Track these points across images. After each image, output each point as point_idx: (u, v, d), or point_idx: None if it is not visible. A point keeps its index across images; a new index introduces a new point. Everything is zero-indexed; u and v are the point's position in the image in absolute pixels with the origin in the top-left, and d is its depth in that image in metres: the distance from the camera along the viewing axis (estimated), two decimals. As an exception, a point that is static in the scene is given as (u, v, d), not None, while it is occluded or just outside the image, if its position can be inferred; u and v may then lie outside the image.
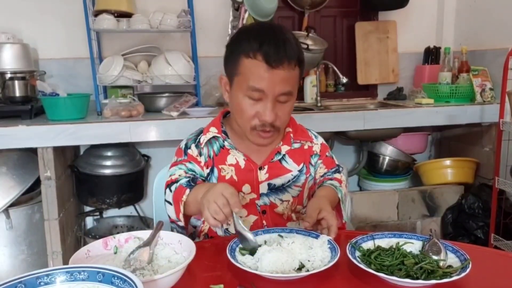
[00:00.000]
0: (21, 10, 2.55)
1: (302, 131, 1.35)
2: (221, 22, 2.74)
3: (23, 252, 2.27)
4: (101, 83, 2.42)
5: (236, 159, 1.25)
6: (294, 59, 1.12)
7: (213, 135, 1.26)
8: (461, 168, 2.77)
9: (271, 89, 1.12)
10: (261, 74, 1.10)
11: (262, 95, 1.13)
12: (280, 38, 1.12)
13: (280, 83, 1.12)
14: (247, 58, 1.12)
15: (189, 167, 1.25)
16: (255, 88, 1.12)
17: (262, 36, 1.12)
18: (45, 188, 2.13)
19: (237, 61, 1.14)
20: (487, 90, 2.63)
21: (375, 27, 3.06)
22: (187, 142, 1.30)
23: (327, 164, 1.36)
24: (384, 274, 0.89)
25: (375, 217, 2.63)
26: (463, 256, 0.97)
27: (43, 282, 0.76)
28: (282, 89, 1.13)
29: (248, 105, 1.15)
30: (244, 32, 1.19)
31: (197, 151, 1.27)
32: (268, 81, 1.11)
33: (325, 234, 1.06)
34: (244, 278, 0.92)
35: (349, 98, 3.12)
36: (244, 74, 1.13)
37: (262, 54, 1.09)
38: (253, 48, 1.10)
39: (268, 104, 1.13)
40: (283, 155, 1.28)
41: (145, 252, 0.96)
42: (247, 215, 1.26)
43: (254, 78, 1.11)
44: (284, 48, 1.10)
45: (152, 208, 1.53)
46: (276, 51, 1.09)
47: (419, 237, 1.06)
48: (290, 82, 1.14)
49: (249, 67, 1.12)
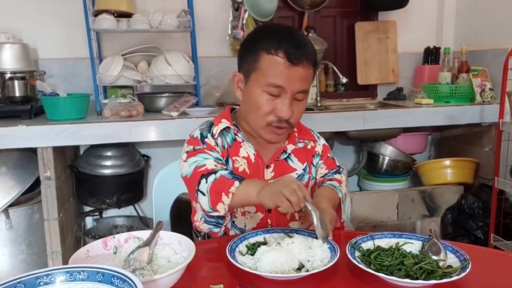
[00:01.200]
0: (21, 10, 2.55)
1: (306, 130, 1.37)
2: (221, 22, 2.74)
3: (22, 252, 2.27)
4: (101, 83, 2.42)
5: (247, 152, 1.26)
6: (312, 58, 1.16)
7: (226, 126, 1.26)
8: (461, 168, 2.77)
9: (291, 85, 1.14)
10: (282, 70, 1.12)
11: (281, 91, 1.15)
12: (299, 37, 1.16)
13: (299, 80, 1.14)
14: (268, 54, 1.13)
15: (214, 156, 1.21)
16: (276, 84, 1.14)
17: (282, 34, 1.15)
18: (45, 188, 2.13)
19: (257, 57, 1.15)
20: (487, 90, 2.63)
21: (375, 27, 3.06)
22: (202, 131, 1.25)
23: (328, 165, 1.37)
24: (384, 274, 0.89)
25: (375, 217, 2.63)
26: (462, 256, 0.97)
27: (43, 282, 0.76)
28: (300, 86, 1.15)
29: (266, 100, 1.16)
30: (263, 30, 1.23)
31: (214, 141, 1.24)
32: (288, 77, 1.13)
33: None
34: (244, 278, 0.92)
35: (349, 98, 3.12)
36: (264, 70, 1.14)
37: (283, 51, 1.11)
38: (274, 45, 1.12)
39: (286, 100, 1.15)
40: (288, 154, 1.30)
41: (145, 252, 0.96)
42: (256, 212, 1.27)
43: (274, 75, 1.13)
44: (303, 47, 1.13)
45: (152, 208, 1.54)
46: (297, 49, 1.12)
47: (419, 237, 1.06)
48: (307, 80, 1.17)
49: (270, 63, 1.13)
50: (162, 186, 1.53)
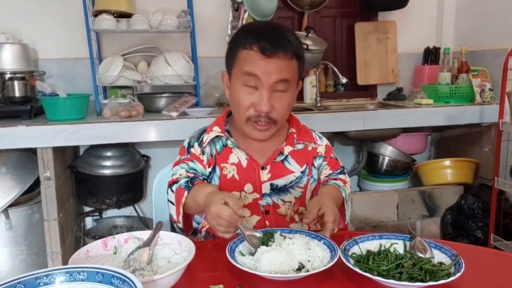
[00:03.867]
0: (21, 10, 2.55)
1: (306, 132, 1.35)
2: (221, 23, 2.74)
3: (22, 252, 2.27)
4: (101, 83, 2.42)
5: (238, 158, 1.26)
6: (290, 51, 1.14)
7: (216, 135, 1.27)
8: (460, 169, 2.77)
9: (266, 77, 1.13)
10: (256, 62, 1.13)
11: (257, 82, 1.15)
12: (277, 32, 1.15)
13: (276, 71, 1.13)
14: (244, 49, 1.15)
15: (191, 166, 1.26)
16: (250, 73, 1.14)
17: (259, 31, 1.16)
18: (44, 188, 2.13)
19: (235, 54, 1.18)
20: (487, 90, 2.63)
21: (375, 28, 3.06)
22: (190, 140, 1.30)
23: (332, 166, 1.35)
24: (392, 280, 0.88)
25: (375, 218, 2.63)
26: (449, 251, 0.97)
27: (43, 283, 0.76)
28: (278, 76, 1.14)
29: (245, 94, 1.17)
30: (244, 29, 1.23)
31: (200, 149, 1.27)
32: (263, 69, 1.13)
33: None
34: (244, 278, 0.92)
35: (348, 98, 3.11)
36: (240, 63, 1.17)
37: (257, 45, 1.13)
38: (250, 41, 1.14)
39: (264, 92, 1.15)
40: (286, 156, 1.28)
41: (145, 253, 0.96)
42: (250, 215, 1.26)
43: (248, 64, 1.14)
44: (280, 41, 1.13)
45: (152, 208, 1.53)
46: (271, 43, 1.12)
47: (399, 236, 1.06)
48: (287, 70, 1.15)
49: (245, 56, 1.15)
50: (162, 186, 1.53)
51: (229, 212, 0.99)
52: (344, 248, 1.00)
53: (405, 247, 1.03)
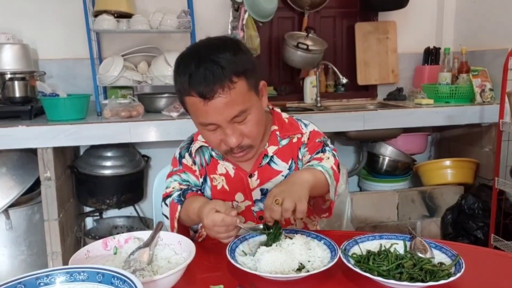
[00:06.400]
0: (21, 10, 2.55)
1: (290, 124, 1.26)
2: (221, 23, 2.74)
3: (22, 252, 2.27)
4: (101, 83, 2.42)
5: (225, 168, 1.23)
6: (228, 78, 1.02)
7: (201, 145, 1.24)
8: (461, 169, 2.77)
9: (219, 118, 1.05)
10: (202, 109, 1.05)
11: (215, 125, 1.08)
12: (207, 61, 1.02)
13: (224, 109, 1.04)
14: (185, 96, 1.07)
15: (184, 177, 1.25)
16: (205, 123, 1.08)
17: (188, 67, 1.04)
18: (45, 188, 2.13)
19: (181, 100, 1.11)
20: (487, 90, 2.63)
21: (375, 28, 3.06)
22: (181, 151, 1.28)
23: (312, 150, 1.22)
24: (393, 280, 0.88)
25: (375, 218, 2.63)
26: (450, 252, 0.97)
27: (43, 283, 0.76)
28: (229, 113, 1.05)
29: (210, 134, 1.11)
30: (177, 65, 1.10)
31: (191, 160, 1.26)
32: (211, 113, 1.05)
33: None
34: (244, 279, 0.92)
35: (349, 98, 3.12)
36: (191, 111, 1.10)
37: (193, 90, 1.03)
38: (185, 85, 1.05)
39: (226, 130, 1.08)
40: (271, 157, 1.22)
41: (145, 253, 0.96)
42: (245, 222, 1.25)
43: (200, 115, 1.07)
44: (214, 75, 1.01)
45: (152, 208, 1.53)
46: (206, 83, 1.01)
47: (399, 237, 1.06)
48: (237, 101, 1.04)
49: (190, 105, 1.08)
50: (162, 186, 1.53)
51: (221, 217, 0.98)
52: (344, 248, 1.00)
53: (405, 247, 1.03)
